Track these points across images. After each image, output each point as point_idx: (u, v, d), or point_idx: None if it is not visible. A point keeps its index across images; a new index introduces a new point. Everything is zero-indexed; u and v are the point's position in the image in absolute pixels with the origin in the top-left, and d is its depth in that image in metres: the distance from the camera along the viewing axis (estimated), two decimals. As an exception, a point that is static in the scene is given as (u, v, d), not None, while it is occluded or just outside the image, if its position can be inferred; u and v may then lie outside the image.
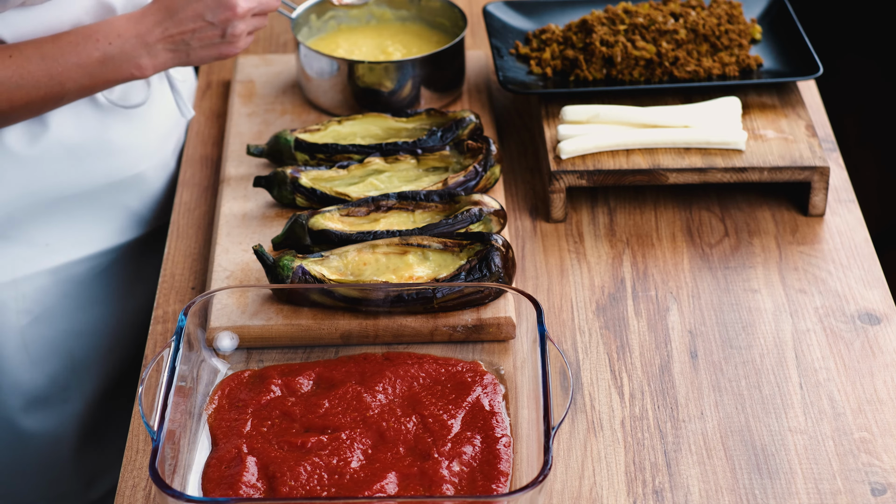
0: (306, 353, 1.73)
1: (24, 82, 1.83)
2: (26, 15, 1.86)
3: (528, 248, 1.93)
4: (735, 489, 1.58)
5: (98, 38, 1.85)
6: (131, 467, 1.62)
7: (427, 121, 2.03)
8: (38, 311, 2.03)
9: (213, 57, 1.90)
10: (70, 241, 2.03)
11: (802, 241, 1.93)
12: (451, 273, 1.75)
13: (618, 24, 2.11)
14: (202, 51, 1.88)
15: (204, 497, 1.51)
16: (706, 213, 1.99)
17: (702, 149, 1.98)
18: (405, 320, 1.73)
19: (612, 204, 2.01)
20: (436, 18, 2.21)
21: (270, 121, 2.12)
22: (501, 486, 1.51)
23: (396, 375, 1.64)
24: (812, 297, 1.84)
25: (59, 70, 1.84)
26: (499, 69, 2.10)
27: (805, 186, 1.96)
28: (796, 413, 1.67)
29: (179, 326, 1.61)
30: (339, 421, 1.58)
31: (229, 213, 1.93)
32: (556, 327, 1.80)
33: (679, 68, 2.08)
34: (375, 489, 1.50)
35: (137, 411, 1.70)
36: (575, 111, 2.01)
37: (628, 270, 1.89)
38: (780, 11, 2.20)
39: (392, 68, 2.09)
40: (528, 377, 1.60)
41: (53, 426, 2.10)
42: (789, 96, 2.08)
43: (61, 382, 2.08)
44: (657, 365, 1.74)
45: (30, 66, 1.83)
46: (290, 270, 1.75)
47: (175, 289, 1.88)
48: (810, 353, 1.76)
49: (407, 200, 1.86)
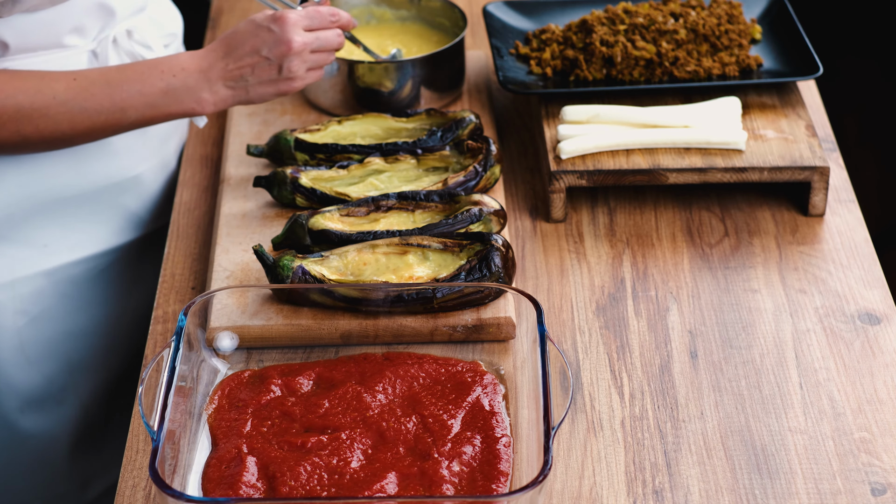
0: (306, 353, 1.73)
1: (88, 105, 1.83)
2: (29, 18, 1.86)
3: (528, 248, 1.93)
4: (735, 489, 1.58)
5: (163, 70, 1.86)
6: (131, 467, 1.62)
7: (427, 121, 2.03)
8: (35, 311, 2.02)
9: (272, 93, 1.89)
10: (68, 243, 2.03)
11: (802, 241, 1.93)
12: (451, 273, 1.75)
13: (618, 24, 2.11)
14: (260, 87, 1.88)
15: (204, 497, 1.51)
16: (706, 213, 1.99)
17: (702, 149, 1.98)
18: (405, 320, 1.73)
19: (612, 204, 2.01)
20: (436, 18, 2.21)
21: (270, 121, 2.12)
22: (501, 486, 1.51)
23: (396, 375, 1.64)
24: (812, 297, 1.84)
25: (122, 97, 1.84)
26: (499, 69, 2.10)
27: (805, 186, 1.96)
28: (796, 413, 1.67)
29: (179, 326, 1.61)
30: (339, 421, 1.58)
31: (229, 213, 1.93)
32: (556, 327, 1.80)
33: (679, 68, 2.08)
34: (375, 489, 1.49)
35: (137, 411, 1.70)
36: (575, 111, 2.01)
37: (628, 270, 1.89)
38: (780, 11, 2.20)
39: (392, 68, 2.09)
40: (528, 377, 1.60)
41: (50, 427, 2.10)
42: (789, 96, 2.08)
43: (58, 383, 2.08)
44: (657, 365, 1.74)
45: (94, 89, 1.84)
46: (290, 270, 1.75)
47: (175, 289, 1.88)
48: (810, 353, 1.76)
49: (407, 200, 1.86)
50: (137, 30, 2.01)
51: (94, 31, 1.94)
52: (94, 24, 1.93)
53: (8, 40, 1.86)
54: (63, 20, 1.89)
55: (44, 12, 1.86)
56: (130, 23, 2.00)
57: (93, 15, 1.92)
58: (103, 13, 1.93)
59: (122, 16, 1.97)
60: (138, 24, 2.02)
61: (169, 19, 2.14)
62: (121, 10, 1.96)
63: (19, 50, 1.88)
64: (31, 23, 1.86)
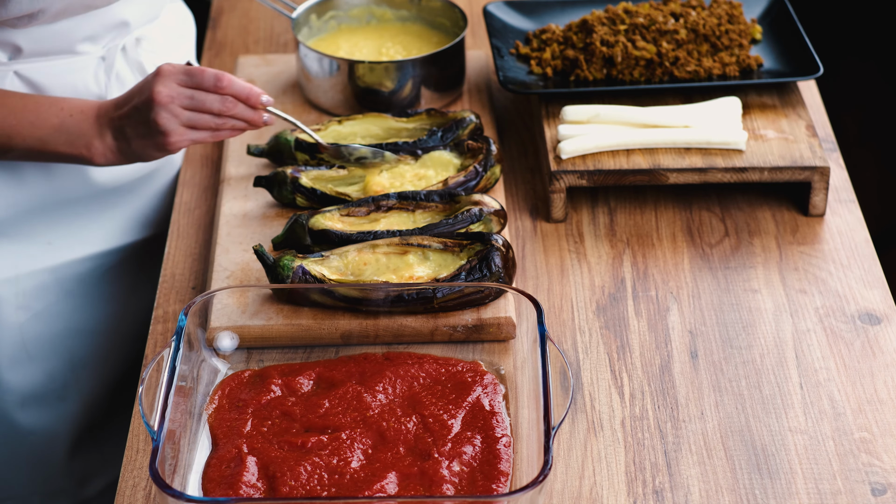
0: (306, 353, 1.73)
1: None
2: (46, 27, 1.87)
3: (528, 248, 1.93)
4: (735, 489, 1.58)
5: (62, 107, 1.83)
6: (131, 467, 1.62)
7: (427, 121, 2.03)
8: (38, 308, 2.03)
9: (152, 148, 1.81)
10: (73, 240, 2.03)
11: (803, 241, 1.93)
12: (451, 273, 1.75)
13: (618, 24, 2.11)
14: (138, 140, 1.81)
15: (204, 497, 1.51)
16: (706, 213, 1.99)
17: (702, 149, 1.98)
18: (405, 320, 1.73)
19: (612, 204, 2.01)
20: (436, 18, 2.21)
21: (271, 121, 2.12)
22: (501, 486, 1.51)
23: (396, 375, 1.64)
24: (812, 297, 1.84)
25: (12, 123, 1.82)
26: (499, 69, 2.10)
27: (805, 186, 1.96)
28: (796, 413, 1.67)
29: (180, 326, 1.61)
30: (340, 421, 1.58)
31: (229, 213, 1.93)
32: (557, 327, 1.80)
33: (679, 68, 2.08)
34: (375, 489, 1.50)
35: (137, 411, 1.70)
36: (575, 111, 2.01)
37: (628, 270, 1.89)
38: (780, 11, 2.20)
39: (392, 68, 2.09)
40: (529, 377, 1.60)
41: (50, 423, 2.10)
42: (790, 96, 2.08)
43: (59, 380, 2.09)
44: (657, 365, 1.74)
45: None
46: (290, 270, 1.75)
47: (175, 289, 1.88)
48: (810, 353, 1.76)
49: (407, 200, 1.86)
50: (147, 38, 2.02)
51: (107, 40, 1.95)
52: (108, 33, 1.94)
53: (22, 45, 1.87)
54: (79, 29, 1.90)
55: (60, 22, 1.88)
56: (142, 31, 2.01)
57: (108, 25, 1.93)
58: (118, 24, 1.94)
59: (136, 25, 1.98)
60: (149, 32, 2.03)
61: (181, 24, 2.15)
62: (135, 20, 1.97)
63: (32, 54, 1.89)
64: (47, 31, 1.88)
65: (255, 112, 1.82)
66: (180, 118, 1.79)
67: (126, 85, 1.99)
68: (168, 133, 1.79)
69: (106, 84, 1.96)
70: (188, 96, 1.78)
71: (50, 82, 1.91)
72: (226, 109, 1.80)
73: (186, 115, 1.79)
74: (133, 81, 2.00)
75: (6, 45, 1.87)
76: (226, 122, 1.81)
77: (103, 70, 1.96)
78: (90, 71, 1.94)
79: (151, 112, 1.77)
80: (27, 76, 1.89)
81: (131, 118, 1.80)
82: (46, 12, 1.83)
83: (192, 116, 1.79)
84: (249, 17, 2.47)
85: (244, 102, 1.81)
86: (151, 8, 2.00)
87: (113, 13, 1.93)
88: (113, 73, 1.97)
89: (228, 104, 1.80)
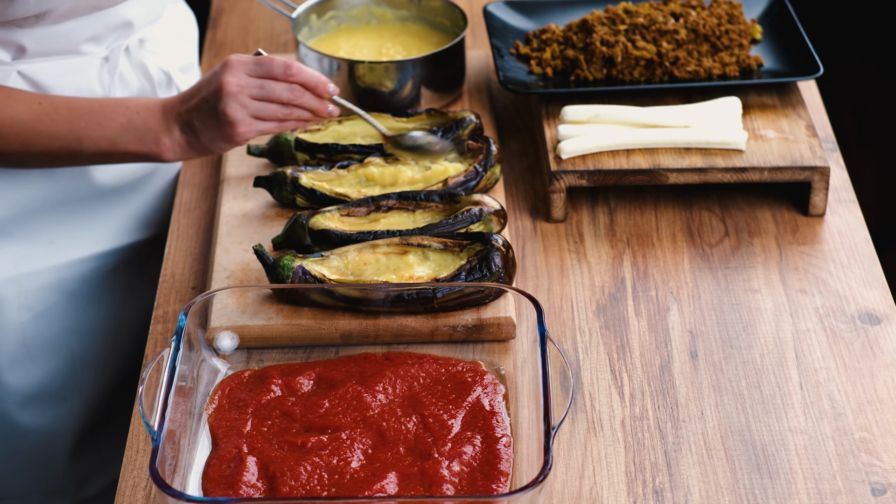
0: (306, 353, 1.73)
1: (45, 129, 1.82)
2: (51, 27, 1.87)
3: (528, 248, 1.93)
4: (735, 489, 1.58)
5: (128, 106, 1.84)
6: (131, 467, 1.62)
7: (427, 121, 2.03)
8: (39, 307, 2.03)
9: (220, 140, 1.82)
10: (75, 240, 2.03)
11: (803, 241, 1.93)
12: (451, 273, 1.75)
13: (618, 24, 2.11)
14: (207, 132, 1.82)
15: (204, 497, 1.51)
16: (706, 213, 1.99)
17: (702, 149, 1.98)
18: (405, 320, 1.73)
19: (612, 204, 2.01)
20: (436, 18, 2.21)
21: (271, 121, 2.12)
22: (501, 486, 1.51)
23: (396, 375, 1.64)
24: (812, 297, 1.84)
25: (81, 126, 1.82)
26: (499, 69, 2.10)
27: (805, 186, 1.96)
28: (796, 413, 1.67)
29: (180, 326, 1.61)
30: (340, 421, 1.58)
31: (229, 213, 1.93)
32: (557, 327, 1.80)
33: (679, 68, 2.08)
34: (375, 489, 1.50)
35: (137, 411, 1.70)
36: (575, 111, 2.02)
37: (628, 270, 1.89)
38: (780, 11, 2.20)
39: (392, 68, 2.09)
40: (529, 377, 1.60)
41: (50, 423, 2.11)
42: (790, 96, 2.08)
43: (60, 380, 2.09)
44: (657, 365, 1.74)
45: (55, 115, 1.82)
46: (290, 270, 1.75)
47: (175, 289, 1.88)
48: (810, 353, 1.76)
49: (407, 200, 1.86)
50: (150, 39, 2.03)
51: (110, 41, 1.96)
52: (112, 33, 1.95)
53: (26, 44, 1.87)
54: (83, 30, 1.91)
55: (65, 23, 1.88)
56: (145, 32, 2.01)
57: (111, 26, 1.93)
58: (122, 24, 1.94)
59: (139, 26, 1.98)
60: (152, 33, 2.03)
61: (183, 24, 2.15)
62: (138, 21, 1.98)
63: (36, 54, 1.89)
64: (51, 31, 1.88)
65: (321, 101, 1.82)
66: (248, 108, 1.79)
67: (129, 86, 1.99)
68: (236, 123, 1.79)
69: (109, 85, 1.96)
70: (258, 86, 1.79)
71: (53, 82, 1.91)
72: (293, 98, 1.80)
73: (255, 105, 1.79)
74: (136, 82, 2.00)
75: (10, 45, 1.87)
76: (292, 111, 1.81)
77: (107, 71, 1.96)
78: (94, 71, 1.94)
79: (220, 103, 1.78)
80: (30, 76, 1.90)
81: (199, 110, 1.80)
82: (53, 13, 1.83)
83: (259, 107, 1.80)
84: (249, 17, 2.47)
85: (312, 91, 1.81)
86: (154, 8, 2.01)
87: (117, 14, 1.93)
88: (116, 73, 1.97)
89: (296, 93, 1.80)
